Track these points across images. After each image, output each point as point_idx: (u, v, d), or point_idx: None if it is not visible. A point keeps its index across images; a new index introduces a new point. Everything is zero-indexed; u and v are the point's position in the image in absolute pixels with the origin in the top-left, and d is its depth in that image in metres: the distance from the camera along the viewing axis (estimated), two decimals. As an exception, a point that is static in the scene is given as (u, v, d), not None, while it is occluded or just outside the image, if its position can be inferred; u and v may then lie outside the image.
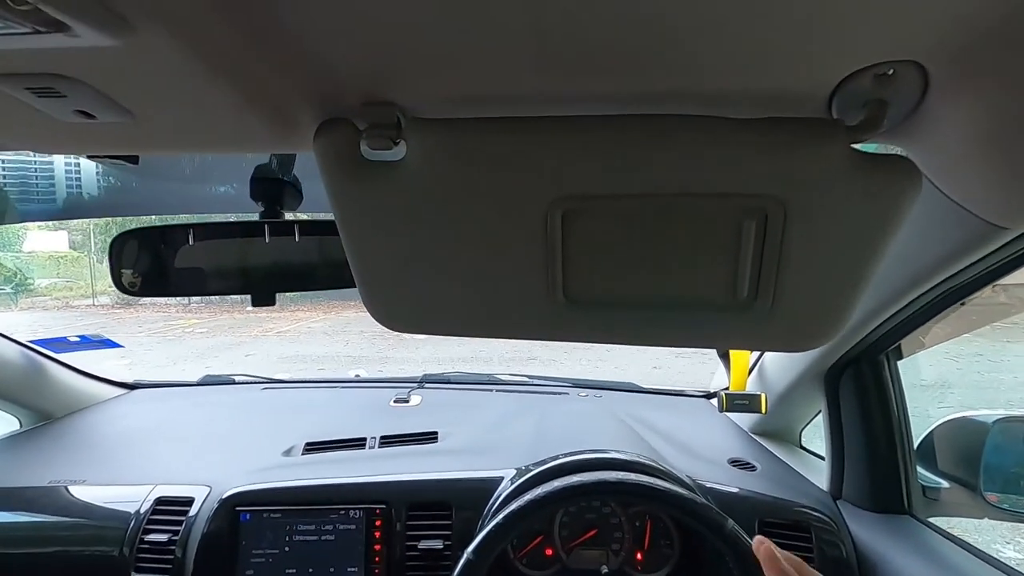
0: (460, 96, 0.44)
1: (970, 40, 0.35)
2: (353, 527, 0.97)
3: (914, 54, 0.38)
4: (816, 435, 1.23)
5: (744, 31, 0.35)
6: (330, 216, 0.50)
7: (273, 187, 0.71)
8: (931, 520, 0.94)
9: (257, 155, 0.72)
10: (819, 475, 1.08)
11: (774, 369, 1.17)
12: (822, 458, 1.12)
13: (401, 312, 0.53)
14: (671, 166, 0.42)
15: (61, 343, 1.46)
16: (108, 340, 1.70)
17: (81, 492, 1.06)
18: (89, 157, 0.61)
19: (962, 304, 0.73)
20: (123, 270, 0.67)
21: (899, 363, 0.98)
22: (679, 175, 0.42)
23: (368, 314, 0.54)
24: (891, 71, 0.39)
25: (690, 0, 0.32)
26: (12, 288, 13.49)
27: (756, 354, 1.27)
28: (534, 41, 0.37)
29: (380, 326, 0.54)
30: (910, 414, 1.01)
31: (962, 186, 0.51)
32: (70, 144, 0.52)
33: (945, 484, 0.95)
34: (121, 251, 0.67)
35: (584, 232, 0.45)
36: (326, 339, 8.94)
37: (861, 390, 0.96)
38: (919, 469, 0.97)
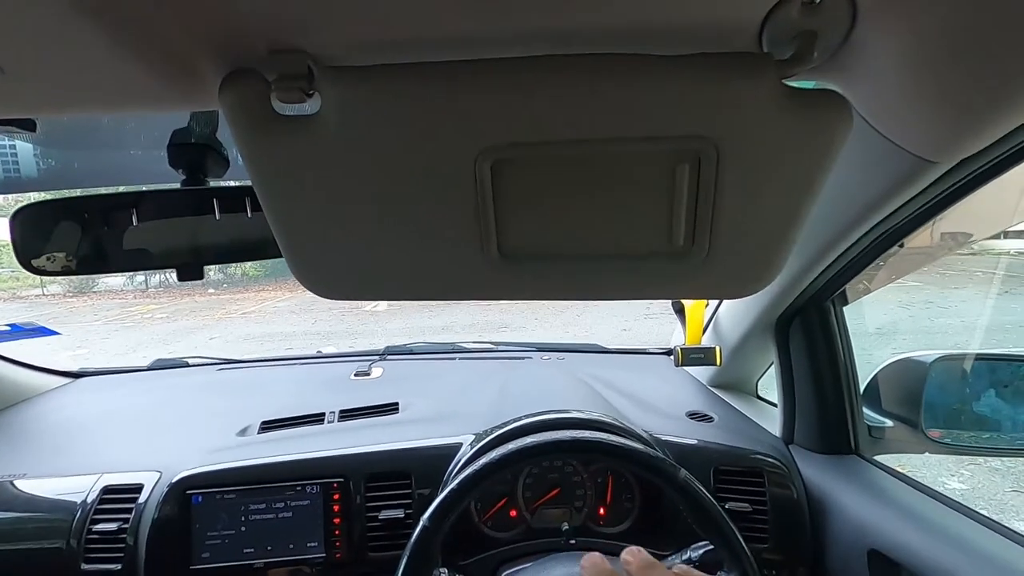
0: (375, 41, 0.41)
1: None
2: (311, 502, 0.96)
3: None
4: (773, 384, 1.26)
5: None
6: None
7: (193, 152, 0.66)
8: (876, 458, 0.98)
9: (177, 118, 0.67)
10: (773, 422, 1.11)
11: (727, 322, 1.19)
12: (776, 406, 1.16)
13: (331, 278, 0.50)
14: (600, 108, 0.40)
15: (-10, 333, 1.38)
16: (43, 328, 1.61)
17: (23, 485, 1.02)
18: (-28, 125, 0.55)
19: (900, 247, 0.74)
20: (27, 249, 0.62)
21: (857, 311, 1.01)
22: (609, 118, 0.40)
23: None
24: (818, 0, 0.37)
25: None
26: (-49, 281, 12.82)
27: (711, 308, 1.29)
28: None
29: (350, 301, 0.52)
30: (866, 361, 1.04)
31: (893, 121, 0.50)
32: None
33: (889, 423, 0.99)
34: (24, 227, 0.62)
35: (515, 183, 0.43)
36: (294, 318, 8.80)
37: (809, 337, 0.98)
38: (866, 410, 1.01)
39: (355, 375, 1.46)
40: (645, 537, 0.98)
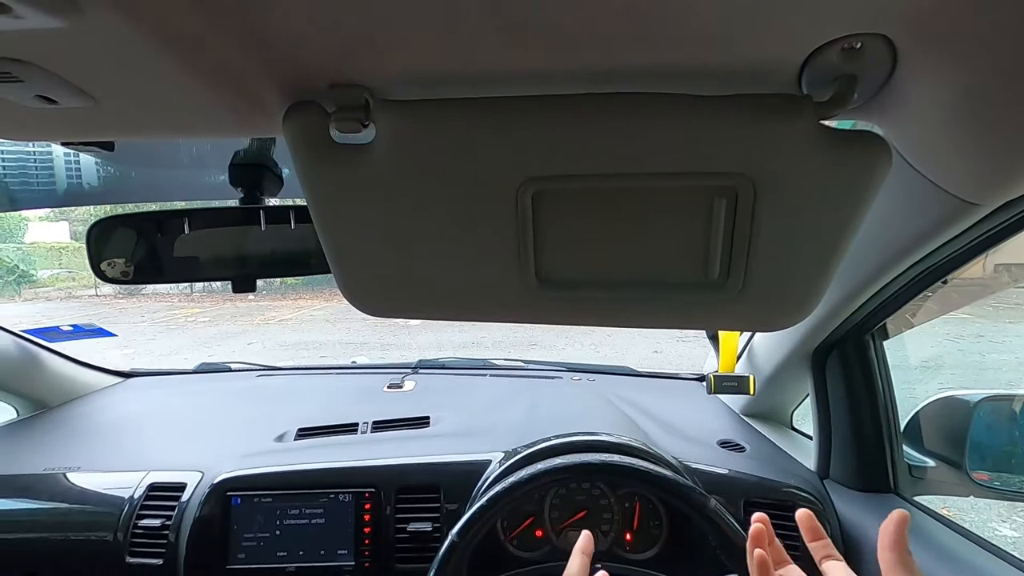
0: (428, 77, 0.44)
1: (937, 12, 0.35)
2: (343, 511, 0.98)
3: (881, 27, 0.37)
4: (808, 417, 1.23)
5: (711, 5, 0.34)
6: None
7: (251, 173, 0.71)
8: (916, 499, 0.95)
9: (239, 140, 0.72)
10: (808, 455, 1.09)
11: (762, 351, 1.17)
12: (812, 439, 1.13)
13: (375, 296, 0.53)
14: (640, 145, 0.42)
15: (54, 332, 1.47)
16: (101, 329, 1.70)
17: (76, 479, 1.08)
18: (62, 144, 0.60)
19: (944, 283, 0.73)
20: (103, 259, 0.67)
21: (900, 343, 0.98)
22: (649, 154, 0.42)
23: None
24: (859, 44, 0.38)
25: None
26: (15, 279, 13.59)
27: (746, 336, 1.27)
28: (500, 19, 0.36)
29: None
30: (910, 394, 1.01)
31: (933, 163, 0.50)
32: (36, 130, 0.52)
33: (931, 463, 0.96)
34: (100, 239, 0.67)
35: (555, 213, 0.45)
36: (328, 326, 8.98)
37: (847, 371, 0.96)
38: (906, 448, 0.98)
39: (388, 387, 1.49)
40: (673, 565, 0.97)
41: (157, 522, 0.99)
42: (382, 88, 0.45)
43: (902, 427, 0.98)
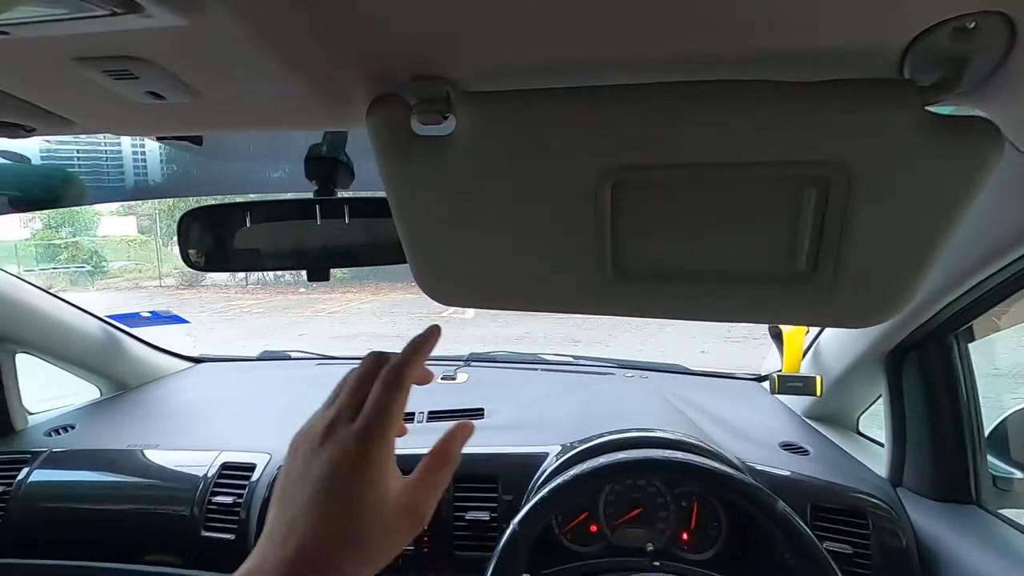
0: (508, 68, 0.44)
1: None
2: (403, 496, 1.00)
3: (1000, 4, 0.35)
4: (873, 422, 1.18)
5: None
6: (382, 193, 0.51)
7: (326, 166, 0.73)
8: (1002, 512, 0.89)
9: (310, 135, 0.74)
10: (877, 462, 1.04)
11: (831, 351, 1.13)
12: (881, 445, 1.08)
13: (451, 286, 0.53)
14: (728, 134, 0.41)
15: (134, 318, 1.57)
16: (176, 316, 1.81)
17: (155, 456, 1.15)
18: (158, 139, 0.64)
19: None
20: (190, 246, 0.71)
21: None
22: (736, 143, 0.41)
23: (414, 296, 0.55)
24: (973, 24, 0.36)
25: None
26: (92, 266, 14.62)
27: (811, 335, 1.23)
28: (581, 8, 0.36)
29: (426, 307, 0.55)
30: (998, 403, 0.95)
31: None
32: (142, 125, 0.55)
33: (1019, 475, 0.90)
34: (189, 228, 0.71)
35: (634, 204, 0.45)
36: (375, 320, 9.19)
37: (927, 374, 0.91)
38: (990, 459, 0.92)
39: (441, 378, 1.51)
40: (732, 566, 0.95)
41: (229, 499, 1.04)
42: (463, 80, 0.46)
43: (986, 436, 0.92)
